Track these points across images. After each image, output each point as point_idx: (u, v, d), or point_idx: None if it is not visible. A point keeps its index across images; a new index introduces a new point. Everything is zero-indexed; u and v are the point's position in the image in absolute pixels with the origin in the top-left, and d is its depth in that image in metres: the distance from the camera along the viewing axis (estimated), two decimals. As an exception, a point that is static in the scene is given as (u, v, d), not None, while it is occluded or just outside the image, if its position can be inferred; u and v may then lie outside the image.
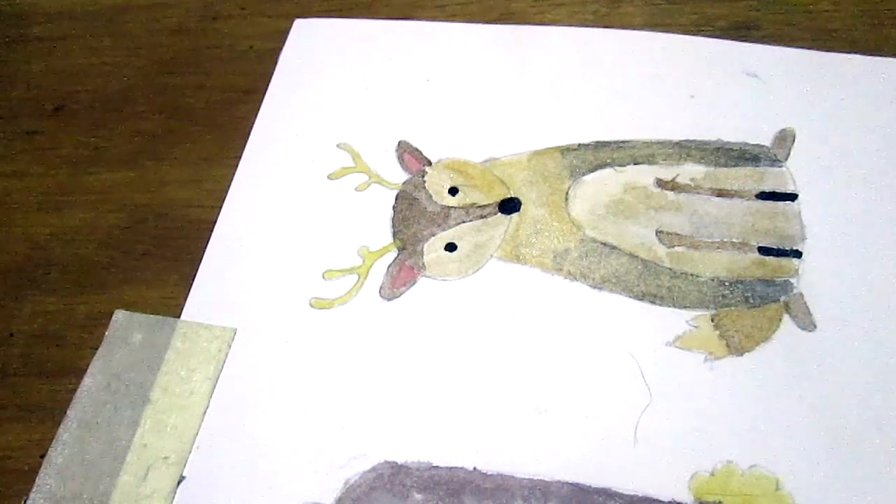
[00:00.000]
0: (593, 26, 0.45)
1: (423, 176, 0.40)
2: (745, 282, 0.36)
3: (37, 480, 0.33)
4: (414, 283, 0.37)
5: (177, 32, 0.48)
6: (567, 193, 0.39)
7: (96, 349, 0.36)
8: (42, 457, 0.33)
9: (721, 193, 0.38)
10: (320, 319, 0.36)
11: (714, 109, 0.41)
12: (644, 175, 0.39)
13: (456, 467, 0.32)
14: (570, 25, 0.45)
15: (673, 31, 0.44)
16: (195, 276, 0.38)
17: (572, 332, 0.35)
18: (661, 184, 0.39)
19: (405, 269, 0.37)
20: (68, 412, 0.34)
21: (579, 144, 0.40)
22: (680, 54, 0.43)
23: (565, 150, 0.40)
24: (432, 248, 0.38)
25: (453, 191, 0.40)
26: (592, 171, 0.40)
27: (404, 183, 0.40)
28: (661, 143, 0.40)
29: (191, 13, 0.49)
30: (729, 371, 0.33)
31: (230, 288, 0.37)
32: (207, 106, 0.45)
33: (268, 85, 0.44)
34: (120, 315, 0.37)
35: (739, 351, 0.34)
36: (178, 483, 0.32)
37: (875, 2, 0.44)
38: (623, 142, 0.40)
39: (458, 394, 0.34)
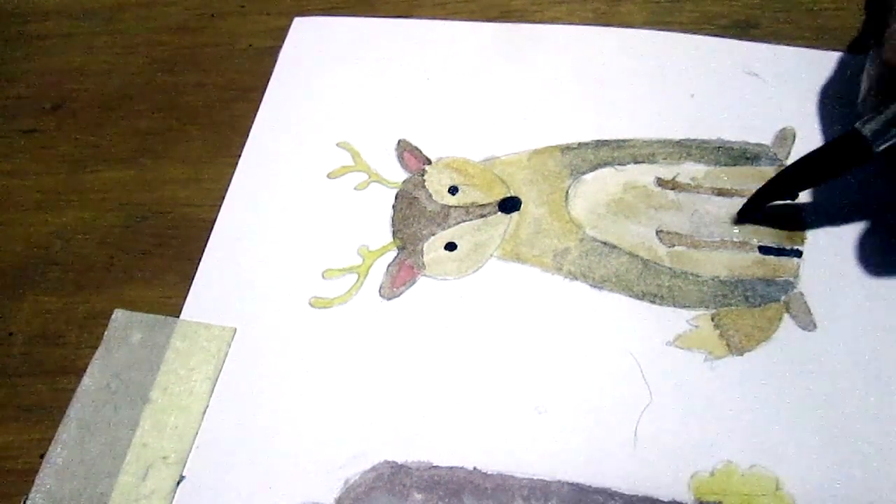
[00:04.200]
0: (593, 24, 0.45)
1: (422, 175, 0.40)
2: (746, 281, 0.36)
3: (36, 480, 0.33)
4: (414, 283, 0.37)
5: (176, 30, 0.48)
6: (567, 192, 0.39)
7: (96, 348, 0.36)
8: (42, 457, 0.33)
9: (721, 192, 0.38)
10: (320, 319, 0.36)
11: (714, 108, 0.41)
12: (644, 174, 0.39)
13: (456, 467, 0.32)
14: (570, 24, 0.45)
15: (673, 30, 0.44)
16: (195, 275, 0.38)
17: (572, 331, 0.35)
18: (661, 183, 0.39)
19: (405, 268, 0.37)
20: (68, 412, 0.34)
21: (579, 143, 0.40)
22: (680, 53, 0.43)
23: (565, 149, 0.40)
24: (432, 248, 0.38)
25: (453, 190, 0.39)
26: (592, 170, 0.40)
27: (404, 182, 0.40)
28: (662, 142, 0.40)
29: (190, 11, 0.49)
30: (729, 371, 0.33)
31: (230, 287, 0.37)
32: (207, 104, 0.44)
33: (267, 83, 0.44)
34: (119, 314, 0.37)
35: (739, 351, 0.34)
36: (178, 483, 0.32)
37: (876, 0, 0.44)
38: (623, 141, 0.40)
39: (458, 394, 0.34)
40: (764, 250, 0.36)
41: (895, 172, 0.37)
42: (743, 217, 0.37)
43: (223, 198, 0.40)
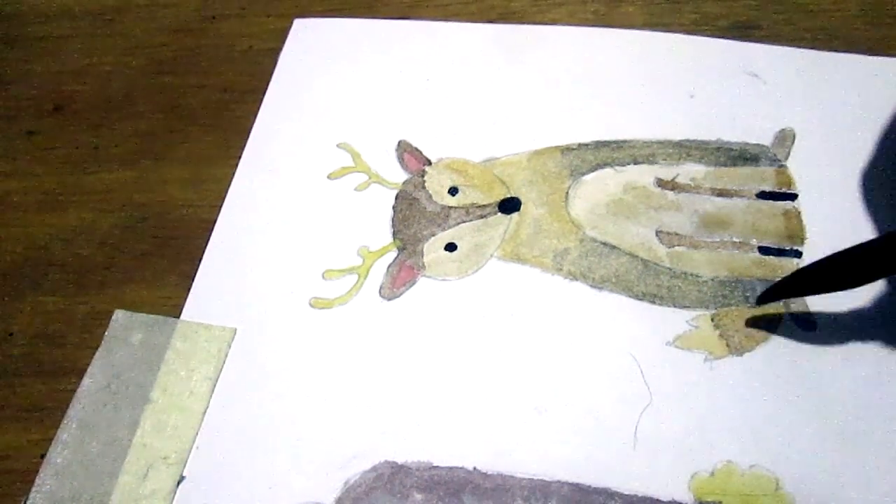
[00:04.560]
0: (593, 26, 0.45)
1: (422, 176, 0.40)
2: (746, 281, 0.36)
3: (37, 480, 0.33)
4: (414, 283, 0.37)
5: (176, 32, 0.48)
6: (567, 193, 0.39)
7: (96, 349, 0.36)
8: (42, 457, 0.33)
9: (721, 193, 0.38)
10: (320, 319, 0.36)
11: (714, 109, 0.41)
12: (644, 175, 0.39)
13: (456, 467, 0.32)
14: (571, 25, 0.45)
15: (673, 31, 0.44)
16: (195, 276, 0.38)
17: (572, 332, 0.35)
18: (661, 183, 0.39)
19: (405, 268, 0.37)
20: (68, 412, 0.34)
21: (579, 144, 0.40)
22: (680, 54, 0.43)
23: (565, 150, 0.40)
24: (432, 248, 0.38)
25: (453, 191, 0.40)
26: (592, 170, 0.40)
27: (404, 183, 0.40)
28: (661, 143, 0.40)
29: (190, 13, 0.49)
30: (729, 371, 0.33)
31: (230, 288, 0.37)
32: (207, 106, 0.45)
33: (267, 85, 0.44)
34: (120, 315, 0.37)
35: (739, 351, 0.34)
36: (178, 483, 0.32)
37: (876, 2, 0.44)
38: (623, 141, 0.40)
39: (458, 394, 0.34)
40: (764, 250, 0.36)
41: None
42: (763, 302, 0.34)
43: (224, 199, 0.40)
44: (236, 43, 0.47)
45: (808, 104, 0.40)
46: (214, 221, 0.40)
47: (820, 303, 0.35)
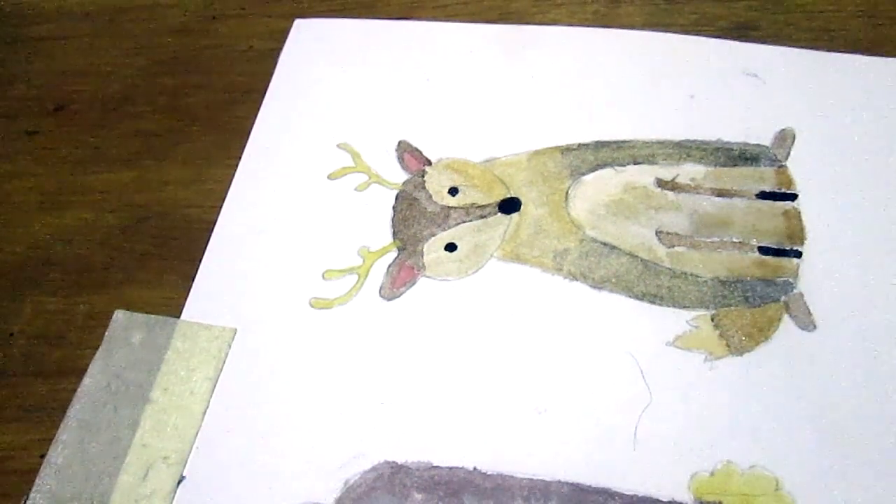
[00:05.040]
0: (593, 26, 0.45)
1: (422, 176, 0.40)
2: (745, 282, 0.36)
3: (37, 480, 0.33)
4: (414, 283, 0.37)
5: (177, 32, 0.48)
6: (567, 193, 0.39)
7: (96, 349, 0.36)
8: (42, 457, 0.33)
9: (721, 193, 0.38)
10: (320, 319, 0.36)
11: (714, 109, 0.41)
12: (644, 175, 0.39)
13: (456, 467, 0.32)
14: (570, 25, 0.45)
15: (673, 31, 0.44)
16: (195, 276, 0.38)
17: (572, 332, 0.35)
18: (661, 184, 0.39)
19: (405, 269, 0.37)
20: (68, 412, 0.34)
21: (579, 144, 0.40)
22: (680, 54, 0.43)
23: (565, 150, 0.40)
24: (432, 249, 0.38)
25: (453, 191, 0.40)
26: (592, 170, 0.40)
27: (404, 183, 0.40)
28: (661, 143, 0.40)
29: (191, 13, 0.49)
30: (729, 371, 0.33)
31: (230, 288, 0.37)
32: (208, 106, 0.45)
33: (268, 85, 0.44)
34: (120, 315, 0.37)
35: (739, 351, 0.34)
36: (178, 483, 0.32)
37: (875, 2, 0.44)
38: (623, 142, 0.40)
39: (458, 394, 0.34)
40: (764, 250, 0.36)
41: None
42: None
43: (224, 199, 0.40)
44: (237, 43, 0.47)
45: (808, 104, 0.40)
46: (214, 221, 0.40)
47: (820, 303, 0.35)
